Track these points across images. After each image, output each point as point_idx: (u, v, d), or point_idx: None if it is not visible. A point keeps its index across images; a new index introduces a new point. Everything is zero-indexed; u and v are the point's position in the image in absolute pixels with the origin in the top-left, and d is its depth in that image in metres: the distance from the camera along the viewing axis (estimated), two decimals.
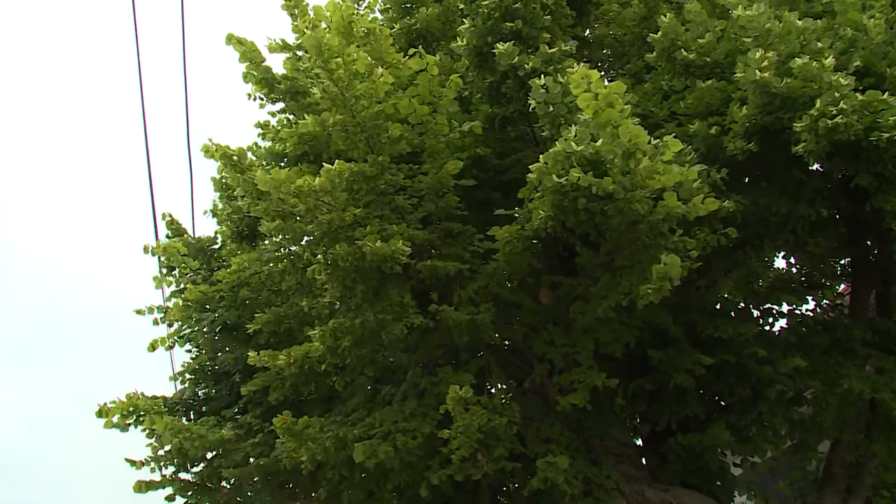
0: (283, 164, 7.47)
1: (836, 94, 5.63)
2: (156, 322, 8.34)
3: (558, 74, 5.88)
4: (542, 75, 5.86)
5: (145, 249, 8.56)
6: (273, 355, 6.40)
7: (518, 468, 6.50)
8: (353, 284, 6.35)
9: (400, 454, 6.24)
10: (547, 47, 6.28)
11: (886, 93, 5.77)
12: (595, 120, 5.05)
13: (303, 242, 6.61)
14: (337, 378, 6.97)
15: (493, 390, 7.74)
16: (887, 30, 6.21)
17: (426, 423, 6.37)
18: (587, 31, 8.35)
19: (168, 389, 10.05)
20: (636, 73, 7.39)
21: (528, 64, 6.21)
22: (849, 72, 5.93)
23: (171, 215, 8.99)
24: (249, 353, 6.56)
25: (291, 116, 7.88)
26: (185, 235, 8.90)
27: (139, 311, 8.32)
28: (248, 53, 7.15)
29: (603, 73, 8.34)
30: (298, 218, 6.13)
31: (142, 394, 7.64)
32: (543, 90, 5.75)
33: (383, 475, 6.75)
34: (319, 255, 6.26)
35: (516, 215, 5.99)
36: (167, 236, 8.88)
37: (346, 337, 6.32)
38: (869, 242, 7.61)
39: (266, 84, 7.37)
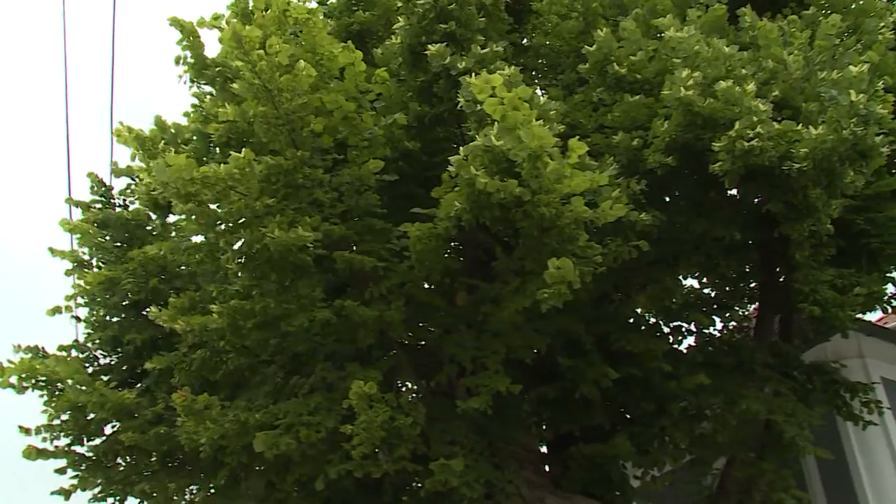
0: (211, 144, 7.34)
1: (755, 119, 5.83)
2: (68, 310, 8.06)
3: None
4: (474, 75, 5.89)
5: (62, 224, 8.25)
6: (171, 317, 6.24)
7: (420, 469, 6.48)
8: (263, 276, 6.25)
9: (302, 447, 6.15)
10: (479, 48, 6.31)
11: (801, 125, 5.98)
12: (502, 123, 5.09)
13: (217, 229, 6.47)
14: (242, 361, 6.84)
15: (402, 389, 7.70)
16: (804, 66, 6.45)
17: (330, 417, 6.28)
18: (524, 39, 8.44)
19: None
20: (569, 84, 7.48)
21: (460, 64, 6.24)
22: (768, 101, 6.13)
23: (96, 176, 8.71)
24: (150, 309, 6.39)
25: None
26: (106, 207, 8.60)
27: (52, 312, 7.97)
28: (186, 36, 6.96)
29: (537, 81, 8.45)
30: (210, 206, 6.01)
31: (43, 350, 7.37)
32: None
33: (284, 467, 6.65)
34: (232, 244, 6.15)
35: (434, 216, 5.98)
36: (88, 204, 8.57)
37: (249, 320, 6.22)
38: (777, 269, 7.84)
39: (197, 67, 7.20)
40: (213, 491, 7.78)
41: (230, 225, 6.14)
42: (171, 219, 8.36)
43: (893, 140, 6.93)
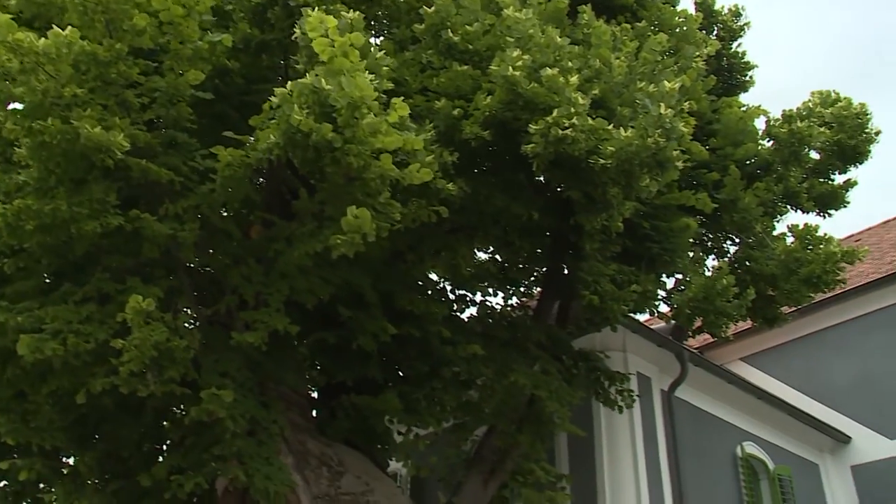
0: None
1: (573, 111, 6.07)
2: None
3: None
4: (314, 8, 5.71)
5: None
6: None
7: (187, 395, 6.33)
8: (56, 168, 5.81)
9: (67, 356, 5.82)
10: None
11: (612, 126, 6.29)
12: (328, 66, 5.01)
13: (10, 108, 5.94)
14: (8, 261, 6.35)
15: (180, 312, 7.46)
16: (627, 73, 6.77)
17: (102, 329, 5.97)
18: None
19: None
20: (402, 40, 7.43)
21: None
22: (588, 96, 6.39)
23: None
24: None
25: None
26: None
27: None
28: None
29: (373, 31, 8.33)
30: (9, 80, 5.50)
31: None
32: None
33: (41, 376, 6.28)
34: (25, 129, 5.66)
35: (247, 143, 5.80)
36: None
37: (31, 221, 5.78)
38: (565, 257, 8.25)
39: None
40: None
41: (27, 104, 5.65)
42: None
43: (688, 158, 7.47)
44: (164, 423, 7.65)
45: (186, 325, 6.35)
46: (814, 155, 10.34)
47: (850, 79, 52.85)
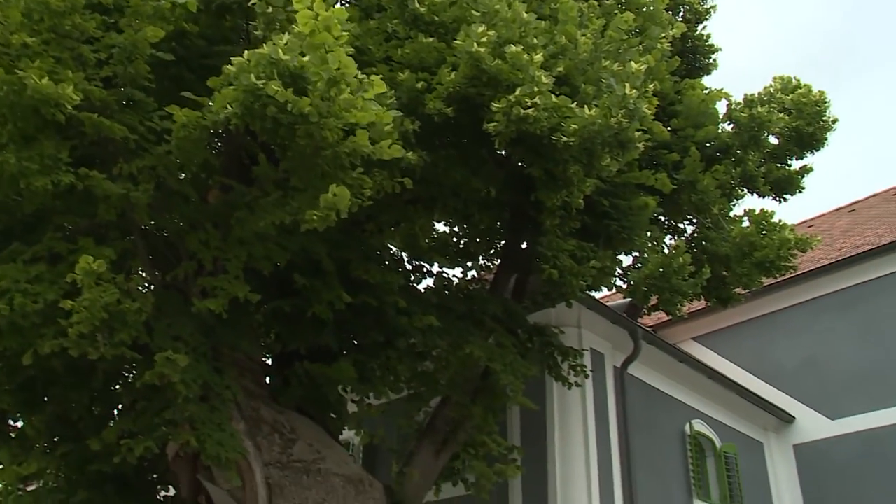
0: None
1: (536, 89, 6.08)
2: None
3: None
4: None
5: None
6: None
7: (139, 359, 6.26)
8: (4, 121, 5.66)
9: (15, 316, 5.72)
10: None
11: (576, 104, 6.31)
12: (309, 39, 4.94)
13: None
14: None
15: (133, 275, 7.36)
16: (592, 51, 6.78)
17: (52, 290, 5.87)
18: None
19: None
20: (367, 7, 7.35)
21: None
22: (552, 74, 6.39)
23: None
24: None
25: None
26: None
27: None
28: None
29: None
30: None
31: None
32: None
33: None
34: None
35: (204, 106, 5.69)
36: None
37: None
38: (524, 232, 8.29)
39: None
40: None
41: None
42: None
43: (649, 139, 7.54)
44: (115, 386, 7.58)
45: (140, 288, 6.26)
46: (772, 140, 10.50)
47: (813, 65, 53.58)
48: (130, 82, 6.03)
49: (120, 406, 7.58)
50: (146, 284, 6.69)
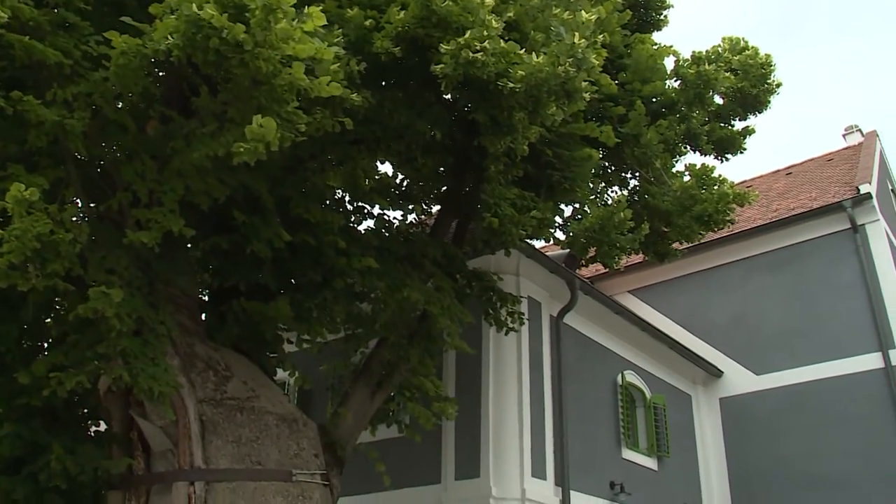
0: None
1: (485, 33, 6.01)
2: None
3: None
4: None
5: None
6: None
7: (71, 291, 6.13)
8: None
9: None
10: None
11: (524, 50, 6.27)
12: None
13: None
14: None
15: (67, 204, 7.17)
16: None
17: None
18: None
19: None
20: None
21: None
22: (502, 19, 6.33)
23: None
24: None
25: None
26: None
27: None
28: None
29: None
30: None
31: None
32: None
33: None
34: None
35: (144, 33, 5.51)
36: None
37: None
38: (466, 177, 8.28)
39: None
40: None
41: None
42: None
43: (596, 91, 7.55)
44: (46, 319, 7.42)
45: (74, 218, 6.10)
46: (717, 99, 10.62)
47: (767, 29, 54.10)
48: (64, 4, 5.80)
49: (50, 339, 7.44)
50: (80, 215, 6.51)
